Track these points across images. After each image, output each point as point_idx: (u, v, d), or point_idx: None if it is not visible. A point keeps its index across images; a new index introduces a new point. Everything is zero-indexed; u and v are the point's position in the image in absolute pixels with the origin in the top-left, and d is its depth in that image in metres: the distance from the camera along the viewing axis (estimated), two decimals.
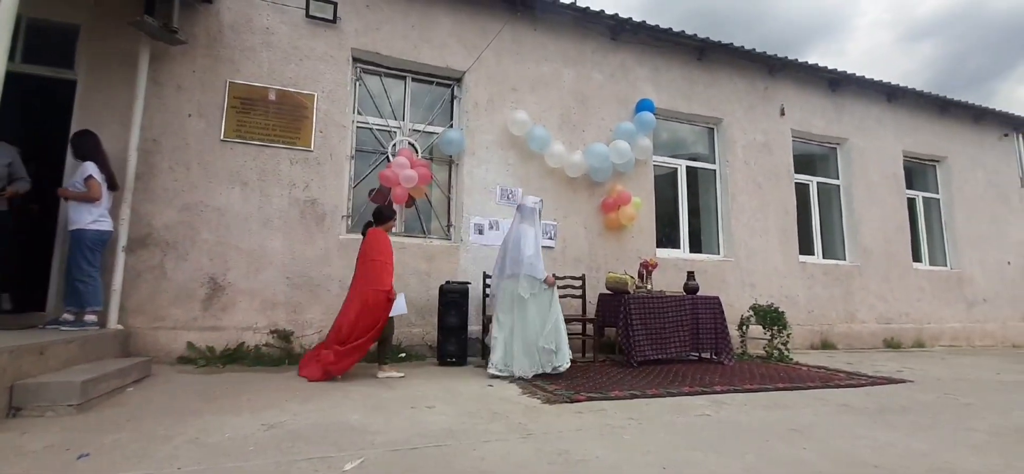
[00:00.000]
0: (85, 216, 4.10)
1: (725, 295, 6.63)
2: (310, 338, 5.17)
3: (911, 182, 9.09)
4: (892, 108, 8.90)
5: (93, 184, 4.10)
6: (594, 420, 3.11)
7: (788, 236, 7.73)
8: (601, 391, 3.92)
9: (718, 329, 5.76)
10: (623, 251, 6.62)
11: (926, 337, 8.35)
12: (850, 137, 8.49)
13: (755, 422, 3.16)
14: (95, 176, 4.12)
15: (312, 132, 5.45)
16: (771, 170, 7.80)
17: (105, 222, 4.21)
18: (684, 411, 3.41)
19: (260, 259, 5.15)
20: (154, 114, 4.96)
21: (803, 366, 5.61)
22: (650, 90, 7.12)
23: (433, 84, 6.31)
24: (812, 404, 3.71)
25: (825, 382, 4.62)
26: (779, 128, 7.98)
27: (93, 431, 2.65)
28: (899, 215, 8.64)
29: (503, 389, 4.01)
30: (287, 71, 5.45)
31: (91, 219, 4.11)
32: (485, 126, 6.20)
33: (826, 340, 7.63)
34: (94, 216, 4.12)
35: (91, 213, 4.11)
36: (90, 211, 4.11)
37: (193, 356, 4.75)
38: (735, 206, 7.47)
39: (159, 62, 5.00)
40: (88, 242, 4.10)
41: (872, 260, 8.25)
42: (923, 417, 3.39)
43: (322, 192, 5.44)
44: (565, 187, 6.48)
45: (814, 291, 7.76)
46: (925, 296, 8.55)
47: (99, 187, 4.13)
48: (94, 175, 4.11)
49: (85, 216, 4.10)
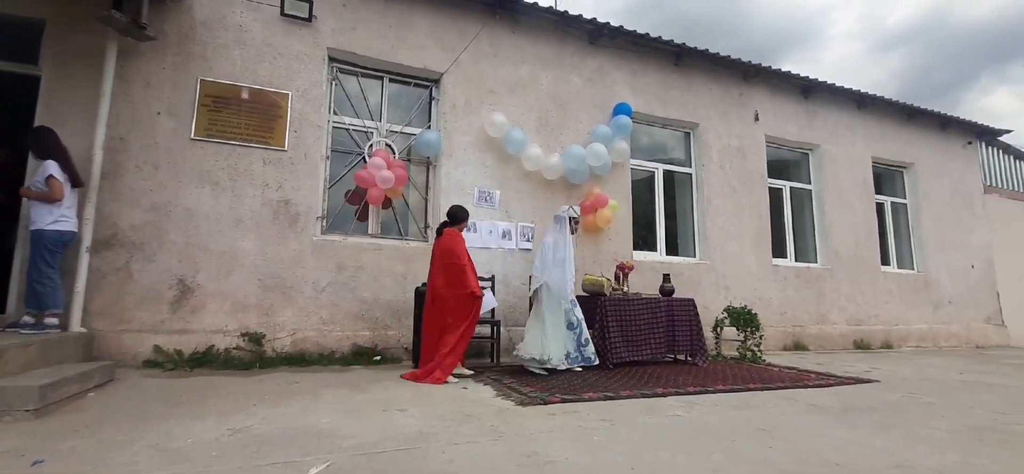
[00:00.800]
0: (45, 216, 3.98)
1: (700, 297, 6.72)
2: (282, 341, 5.10)
3: (880, 187, 9.35)
4: (862, 115, 9.14)
5: (55, 184, 3.98)
6: (566, 422, 3.12)
7: (762, 239, 7.88)
8: (575, 393, 3.94)
9: (693, 331, 5.84)
10: (600, 253, 6.66)
11: (894, 338, 8.57)
12: (822, 143, 8.69)
13: (724, 422, 3.20)
14: (56, 175, 3.99)
15: (286, 131, 5.37)
16: (746, 175, 7.94)
17: (66, 222, 4.09)
18: (656, 412, 3.44)
19: (231, 260, 5.06)
20: (121, 111, 4.84)
21: (775, 367, 5.71)
22: (627, 94, 7.19)
23: (411, 85, 6.27)
24: (781, 404, 3.78)
25: (795, 382, 4.70)
26: (753, 133, 8.13)
27: (50, 437, 2.56)
28: (869, 219, 8.87)
29: (478, 391, 4.00)
30: (261, 69, 5.37)
31: (51, 219, 3.98)
32: (463, 128, 6.19)
33: (798, 341, 7.78)
34: (54, 216, 4.00)
35: (52, 213, 3.99)
36: (51, 211, 3.99)
37: (160, 360, 4.63)
38: (710, 210, 7.58)
39: (127, 58, 4.88)
40: (47, 243, 3.97)
41: (843, 263, 8.45)
42: (887, 416, 3.47)
43: (296, 192, 5.36)
44: (543, 189, 6.50)
45: (787, 293, 7.91)
46: (893, 298, 8.78)
47: (61, 187, 4.01)
48: (55, 174, 3.99)
49: (45, 216, 3.98)
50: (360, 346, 5.33)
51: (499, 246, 6.16)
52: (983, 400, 4.12)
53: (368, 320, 5.46)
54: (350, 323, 5.39)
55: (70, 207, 4.14)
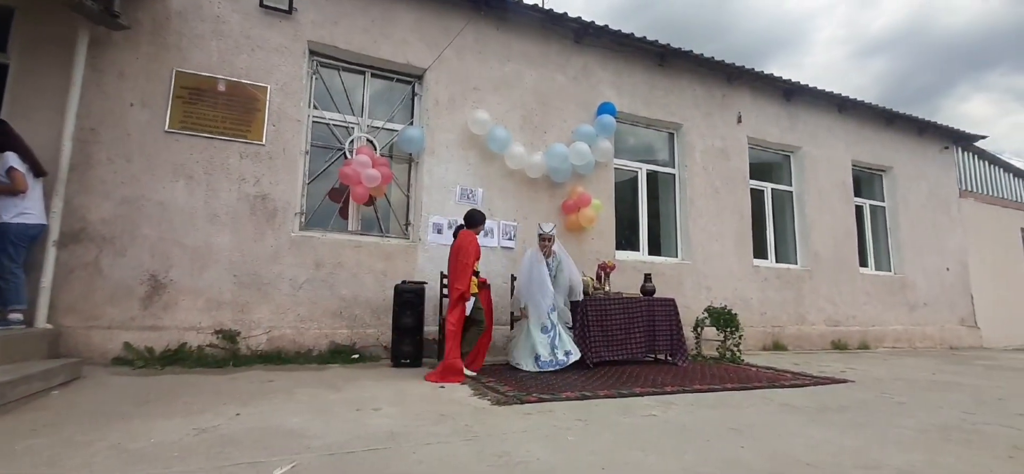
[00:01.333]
0: (9, 209, 3.86)
1: (682, 297, 6.75)
2: (258, 339, 5.01)
3: (859, 190, 9.48)
4: (843, 119, 9.25)
5: (17, 176, 3.86)
6: (541, 421, 3.10)
7: (743, 240, 7.94)
8: (552, 393, 3.92)
9: (673, 331, 5.85)
10: (582, 253, 6.65)
11: (871, 339, 8.70)
12: (803, 145, 8.78)
13: (699, 422, 3.21)
14: (17, 167, 3.88)
15: (264, 125, 5.28)
16: (728, 176, 7.99)
17: (30, 215, 3.97)
18: (631, 412, 3.43)
19: (205, 256, 4.96)
20: (93, 102, 4.72)
21: (753, 367, 5.75)
22: (612, 94, 7.19)
23: (393, 80, 6.21)
24: (756, 404, 3.80)
25: (772, 382, 4.74)
26: (736, 135, 8.19)
27: (6, 436, 2.48)
28: (848, 221, 8.98)
29: (454, 391, 3.97)
30: (238, 61, 5.27)
31: (16, 212, 3.87)
32: (446, 125, 6.14)
33: (778, 341, 7.86)
34: (18, 209, 3.88)
35: (15, 206, 3.88)
36: (14, 204, 3.88)
37: (130, 357, 4.52)
38: (693, 210, 7.62)
39: (100, 48, 4.76)
40: (12, 237, 3.86)
41: (822, 264, 8.55)
42: (859, 415, 3.51)
43: (274, 187, 5.27)
44: (526, 188, 6.47)
45: (767, 294, 7.98)
46: (871, 300, 8.91)
47: (24, 178, 3.90)
48: (16, 166, 3.87)
49: (9, 209, 3.86)
50: (338, 344, 5.27)
51: (481, 245, 6.10)
52: (953, 400, 4.18)
53: (347, 318, 5.40)
54: (328, 321, 5.32)
55: (36, 200, 4.02)
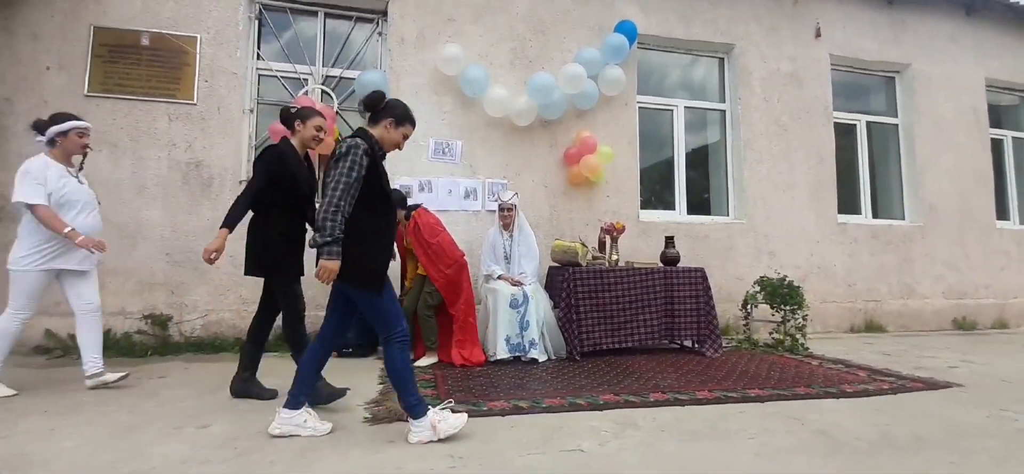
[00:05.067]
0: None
1: (733, 266, 5.35)
2: (192, 323, 4.43)
3: (996, 120, 7.09)
4: (972, 24, 6.89)
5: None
6: (378, 455, 2.07)
7: (823, 191, 6.14)
8: (475, 401, 2.86)
9: (701, 310, 4.47)
10: (594, 214, 5.38)
11: (1011, 316, 6.49)
12: (913, 62, 6.63)
13: (654, 460, 2.00)
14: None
15: (195, 82, 4.62)
16: (801, 107, 6.19)
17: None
18: (555, 439, 2.28)
19: (134, 233, 4.43)
20: (7, 69, 4.32)
21: (815, 359, 4.23)
22: (634, 11, 5.72)
23: (352, 19, 5.29)
24: (774, 428, 2.46)
25: (830, 384, 3.29)
26: (813, 54, 6.31)
27: None
28: (979, 161, 6.72)
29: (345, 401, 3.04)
30: (164, 10, 4.63)
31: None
32: (414, 66, 5.13)
33: (872, 320, 6.05)
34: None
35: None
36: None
37: (52, 346, 4.12)
38: (750, 154, 5.97)
39: (10, 8, 4.33)
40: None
41: (940, 218, 6.47)
42: (940, 464, 2.07)
43: (208, 153, 4.62)
44: (518, 138, 5.30)
45: (858, 259, 6.15)
46: (1012, 263, 6.65)
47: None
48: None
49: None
50: None
51: (460, 208, 5.10)
52: None
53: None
54: None
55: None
